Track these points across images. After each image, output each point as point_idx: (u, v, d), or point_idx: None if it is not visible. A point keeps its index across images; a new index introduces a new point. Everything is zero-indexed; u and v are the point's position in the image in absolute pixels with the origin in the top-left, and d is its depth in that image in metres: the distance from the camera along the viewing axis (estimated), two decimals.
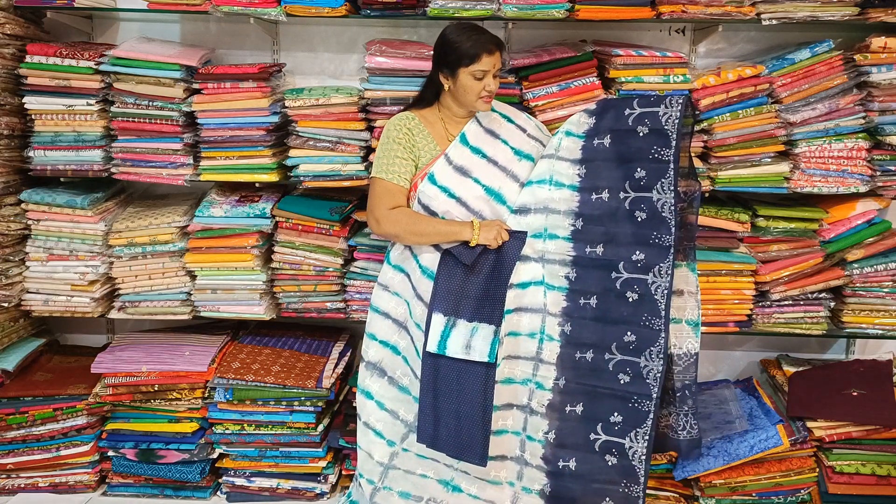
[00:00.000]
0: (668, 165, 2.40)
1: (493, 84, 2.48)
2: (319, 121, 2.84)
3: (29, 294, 2.97)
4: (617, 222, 2.45)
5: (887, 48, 2.73)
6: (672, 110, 2.42)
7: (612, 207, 2.46)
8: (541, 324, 2.47)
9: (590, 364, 2.42)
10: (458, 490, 2.49)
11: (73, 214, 2.89)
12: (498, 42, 2.48)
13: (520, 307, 2.47)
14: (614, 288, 2.42)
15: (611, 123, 2.52)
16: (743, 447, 2.75)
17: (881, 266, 2.87)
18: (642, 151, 2.44)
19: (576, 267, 2.46)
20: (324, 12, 2.76)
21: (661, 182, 2.41)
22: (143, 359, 2.91)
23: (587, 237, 2.47)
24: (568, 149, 2.55)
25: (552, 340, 2.47)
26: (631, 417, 2.38)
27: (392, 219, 2.47)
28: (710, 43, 3.11)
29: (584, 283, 2.46)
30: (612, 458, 2.38)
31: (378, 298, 2.61)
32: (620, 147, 2.48)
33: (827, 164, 2.81)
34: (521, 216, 2.52)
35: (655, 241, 2.39)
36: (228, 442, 2.91)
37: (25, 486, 2.96)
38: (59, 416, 2.91)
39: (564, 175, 2.53)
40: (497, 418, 2.43)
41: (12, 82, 2.87)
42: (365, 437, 2.60)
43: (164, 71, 2.79)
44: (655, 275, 2.38)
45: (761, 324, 2.92)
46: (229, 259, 2.91)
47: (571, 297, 2.47)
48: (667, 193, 2.39)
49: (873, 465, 2.76)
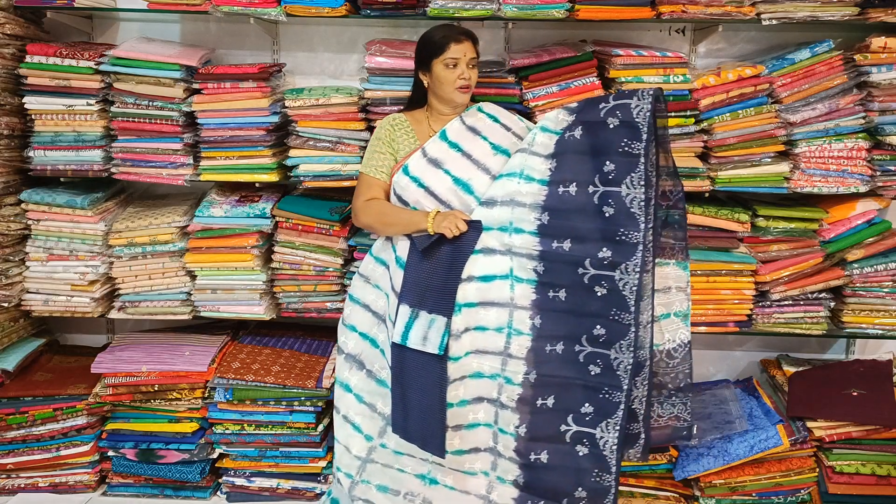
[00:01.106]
0: (639, 159, 2.31)
1: (469, 73, 2.50)
2: (319, 121, 2.85)
3: (29, 294, 2.97)
4: (584, 217, 2.37)
5: (887, 48, 2.73)
6: (643, 102, 2.33)
7: (580, 202, 2.39)
8: (508, 318, 2.42)
9: (560, 356, 2.39)
10: (435, 482, 2.49)
11: (73, 214, 2.89)
12: (467, 32, 2.52)
13: (485, 301, 2.42)
14: (582, 283, 2.36)
15: (584, 116, 2.45)
16: (743, 447, 2.76)
17: (881, 266, 2.87)
18: (612, 144, 2.36)
19: (543, 261, 2.40)
20: (324, 12, 2.76)
21: (630, 177, 2.32)
22: (143, 359, 2.91)
23: (553, 232, 2.40)
24: (542, 144, 2.48)
25: (521, 335, 2.41)
26: (602, 408, 2.35)
27: (367, 210, 2.55)
28: (710, 43, 3.11)
29: (552, 276, 2.40)
30: (583, 448, 2.36)
31: (358, 289, 2.62)
32: (591, 139, 2.40)
33: (827, 164, 2.81)
34: (488, 208, 2.46)
35: (623, 237, 2.31)
36: (228, 442, 2.91)
37: (25, 486, 2.96)
38: (59, 416, 2.91)
39: (536, 170, 2.45)
40: (468, 412, 2.43)
41: (12, 82, 2.87)
42: (343, 431, 2.61)
43: (164, 71, 2.79)
44: (623, 272, 2.30)
45: (761, 324, 2.92)
46: (229, 259, 2.91)
47: (541, 289, 2.41)
48: (636, 189, 2.30)
49: (873, 465, 2.76)
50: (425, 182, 2.48)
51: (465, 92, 2.51)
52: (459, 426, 2.44)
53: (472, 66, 2.51)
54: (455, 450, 2.43)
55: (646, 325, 2.39)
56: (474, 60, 2.52)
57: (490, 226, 2.44)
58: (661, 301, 2.48)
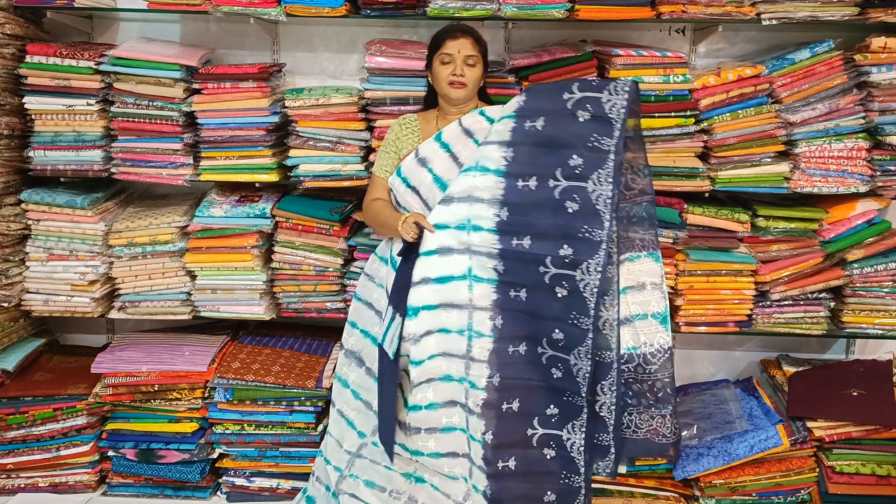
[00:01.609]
0: (608, 155, 2.23)
1: (464, 70, 2.47)
2: (319, 121, 2.85)
3: (29, 294, 2.97)
4: (544, 213, 2.28)
5: (887, 48, 2.73)
6: (617, 98, 2.24)
7: (541, 197, 2.29)
8: (468, 321, 2.34)
9: (523, 357, 2.32)
10: (421, 481, 2.49)
11: (73, 214, 2.89)
12: (467, 29, 2.51)
13: (444, 303, 2.35)
14: (543, 282, 2.28)
15: (545, 105, 2.35)
16: (743, 447, 2.75)
17: (881, 266, 2.87)
18: (580, 138, 2.27)
19: (503, 260, 2.31)
20: (324, 12, 2.76)
21: (598, 172, 2.23)
22: (143, 359, 2.91)
23: (513, 228, 2.31)
24: (497, 131, 2.39)
25: (482, 336, 2.33)
26: (566, 410, 2.30)
27: (367, 210, 2.59)
28: (710, 43, 3.10)
29: (513, 275, 2.31)
30: (549, 451, 2.32)
31: (362, 287, 2.65)
32: (555, 131, 2.31)
33: (827, 164, 2.81)
34: (446, 206, 2.37)
35: (586, 234, 2.23)
36: (228, 442, 2.91)
37: (25, 486, 2.96)
38: (59, 416, 2.91)
39: (490, 159, 2.36)
40: (440, 415, 2.38)
41: (12, 82, 2.87)
42: (337, 425, 2.62)
43: (164, 71, 2.79)
44: (584, 272, 2.22)
45: (761, 324, 2.92)
46: (229, 259, 2.91)
47: (501, 289, 2.33)
48: (603, 185, 2.22)
49: (873, 465, 2.76)
50: (411, 181, 2.48)
51: (457, 88, 2.48)
52: (433, 429, 2.39)
53: (469, 63, 2.48)
54: (431, 452, 2.40)
55: (612, 324, 2.31)
56: (473, 58, 2.49)
57: (447, 224, 2.36)
58: (635, 300, 2.38)
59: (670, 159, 2.81)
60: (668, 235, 2.83)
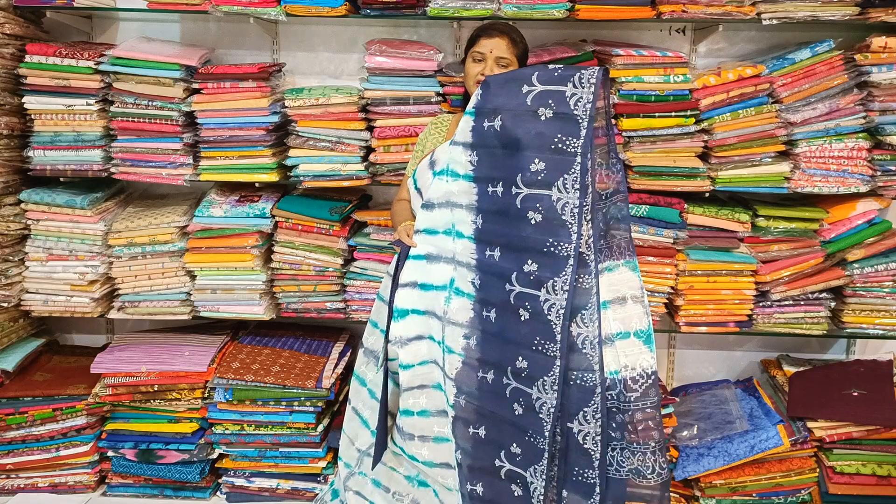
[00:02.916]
0: (575, 159, 1.98)
1: (493, 71, 2.36)
2: (319, 121, 2.84)
3: (28, 294, 2.97)
4: (511, 223, 2.07)
5: (887, 48, 2.73)
6: (583, 91, 1.96)
7: (507, 204, 2.07)
8: (441, 333, 2.20)
9: (490, 386, 2.12)
10: (425, 485, 2.45)
11: (73, 214, 2.88)
12: (504, 29, 2.42)
13: (427, 310, 2.26)
14: (509, 302, 2.06)
15: (503, 101, 2.12)
16: (743, 447, 2.75)
17: (881, 266, 2.87)
18: (543, 139, 2.02)
19: (479, 272, 2.13)
20: (324, 12, 2.76)
21: (563, 178, 1.98)
22: (143, 359, 2.91)
23: (486, 237, 2.13)
24: (462, 130, 2.21)
25: (452, 353, 2.19)
26: (528, 451, 2.06)
27: (391, 210, 2.63)
28: (711, 43, 3.10)
29: (486, 291, 2.12)
30: (517, 488, 2.09)
31: (384, 287, 2.56)
32: (515, 132, 2.07)
33: (827, 164, 2.81)
34: (428, 211, 2.24)
35: (551, 248, 2.00)
36: (228, 442, 2.90)
37: (25, 487, 2.96)
38: (58, 416, 2.91)
39: (458, 162, 2.20)
40: (433, 423, 2.29)
41: (12, 82, 2.87)
42: (352, 423, 2.61)
43: (163, 71, 2.78)
44: (549, 291, 1.99)
45: (761, 324, 2.92)
46: (229, 259, 2.90)
47: (477, 306, 2.14)
48: (570, 193, 1.97)
49: (874, 465, 2.76)
50: (419, 183, 2.47)
51: None
52: (426, 437, 2.31)
53: (502, 65, 2.38)
54: (425, 460, 2.32)
55: (593, 342, 2.03)
56: (505, 60, 2.38)
57: (436, 229, 2.26)
58: (617, 315, 2.10)
59: (670, 159, 2.81)
60: (668, 235, 2.83)
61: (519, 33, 2.48)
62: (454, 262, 2.24)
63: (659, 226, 2.82)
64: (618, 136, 2.79)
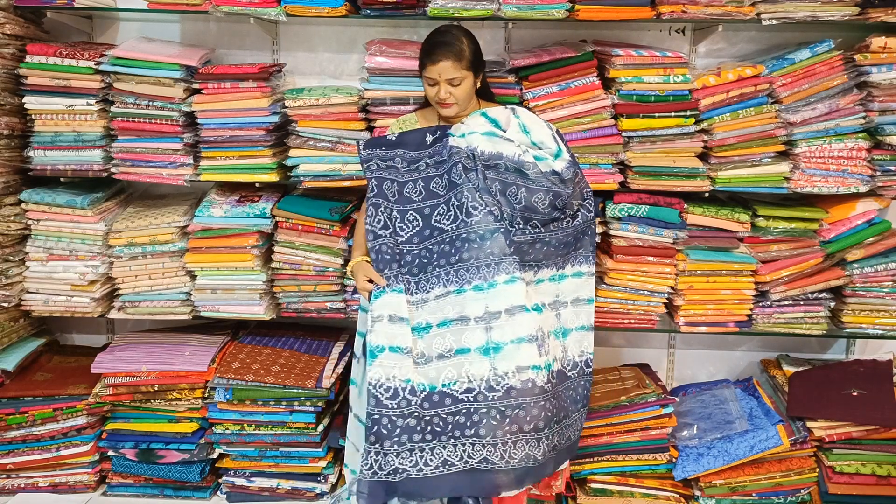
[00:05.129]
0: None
1: (450, 91, 2.43)
2: (319, 121, 2.84)
3: (29, 294, 2.97)
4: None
5: (887, 48, 2.73)
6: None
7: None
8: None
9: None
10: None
11: (73, 214, 2.89)
12: (447, 51, 2.40)
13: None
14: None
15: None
16: (743, 447, 2.76)
17: (881, 266, 2.87)
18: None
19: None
20: (324, 12, 2.76)
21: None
22: (143, 359, 2.91)
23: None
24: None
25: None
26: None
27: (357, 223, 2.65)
28: (710, 43, 3.11)
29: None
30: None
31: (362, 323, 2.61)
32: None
33: (827, 164, 2.81)
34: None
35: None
36: (228, 442, 2.91)
37: (25, 486, 2.96)
38: (59, 416, 2.91)
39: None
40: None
41: (12, 82, 2.87)
42: (354, 431, 2.60)
43: (164, 71, 2.79)
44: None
45: (761, 324, 2.92)
46: (229, 259, 2.91)
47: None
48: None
49: (873, 465, 2.76)
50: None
51: (444, 107, 2.47)
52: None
53: (454, 84, 2.43)
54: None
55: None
56: (456, 79, 2.42)
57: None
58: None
59: (670, 159, 2.81)
60: (667, 235, 2.83)
61: (463, 41, 2.43)
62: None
63: (659, 226, 2.82)
64: (618, 136, 2.79)
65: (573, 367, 2.50)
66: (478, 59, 2.50)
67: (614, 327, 2.98)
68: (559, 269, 2.46)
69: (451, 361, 2.29)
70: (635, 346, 3.35)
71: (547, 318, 2.42)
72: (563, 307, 2.49)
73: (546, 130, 2.42)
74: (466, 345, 2.28)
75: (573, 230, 2.45)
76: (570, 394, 2.48)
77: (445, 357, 2.30)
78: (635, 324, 2.95)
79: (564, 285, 2.48)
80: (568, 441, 2.49)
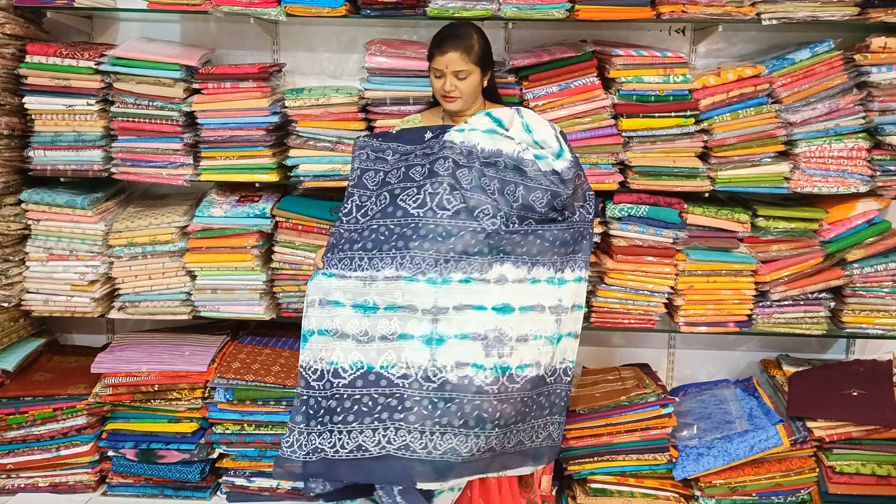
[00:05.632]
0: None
1: (455, 85, 2.44)
2: (319, 121, 2.85)
3: (29, 294, 2.97)
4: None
5: (887, 48, 2.73)
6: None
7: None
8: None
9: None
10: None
11: (73, 214, 2.89)
12: (457, 42, 2.43)
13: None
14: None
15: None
16: (743, 447, 2.76)
17: (881, 266, 2.87)
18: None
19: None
20: (324, 12, 2.76)
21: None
22: (143, 359, 2.91)
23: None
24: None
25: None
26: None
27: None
28: (710, 43, 3.11)
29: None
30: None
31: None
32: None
33: (827, 164, 2.81)
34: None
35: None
36: (228, 442, 2.91)
37: (25, 486, 2.96)
38: (59, 416, 2.91)
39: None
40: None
41: (12, 82, 2.87)
42: None
43: (164, 71, 2.79)
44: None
45: (761, 324, 2.92)
46: (229, 259, 2.91)
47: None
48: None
49: (873, 465, 2.76)
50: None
51: (449, 101, 2.48)
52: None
53: (461, 77, 2.44)
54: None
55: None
56: (463, 72, 2.43)
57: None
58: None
59: (670, 159, 2.81)
60: (667, 235, 2.83)
61: (473, 36, 2.46)
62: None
63: (659, 226, 2.82)
64: (618, 136, 2.79)
65: (552, 373, 2.39)
66: (487, 56, 2.51)
67: (614, 327, 2.98)
68: (558, 271, 2.40)
69: (392, 345, 2.27)
70: (635, 346, 3.35)
71: (525, 320, 2.32)
72: (564, 313, 2.39)
73: (549, 130, 2.41)
74: (410, 332, 2.26)
75: (570, 227, 2.40)
76: (541, 399, 2.36)
77: (388, 339, 2.28)
78: (635, 324, 2.95)
79: (566, 290, 2.40)
80: (520, 446, 2.35)
